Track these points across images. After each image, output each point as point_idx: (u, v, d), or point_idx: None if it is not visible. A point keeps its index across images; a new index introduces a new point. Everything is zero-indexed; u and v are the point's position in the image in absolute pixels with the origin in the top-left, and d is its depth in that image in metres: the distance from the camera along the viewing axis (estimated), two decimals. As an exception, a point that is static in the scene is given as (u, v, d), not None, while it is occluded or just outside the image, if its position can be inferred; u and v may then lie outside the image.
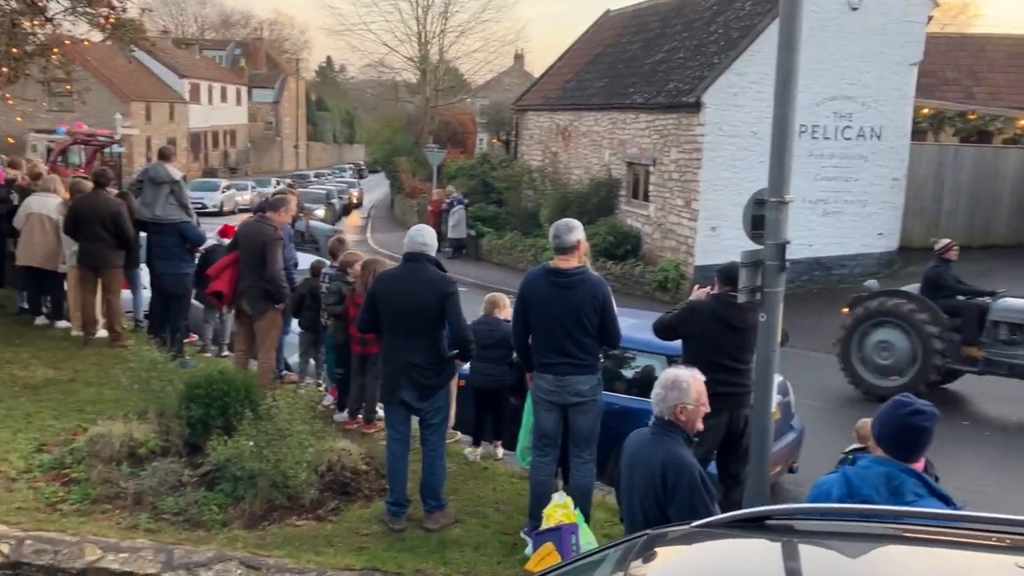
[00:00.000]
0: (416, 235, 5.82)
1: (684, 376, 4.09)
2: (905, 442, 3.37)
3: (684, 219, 18.17)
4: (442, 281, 5.67)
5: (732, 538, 2.54)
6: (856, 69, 18.02)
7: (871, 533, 2.59)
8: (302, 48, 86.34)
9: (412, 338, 5.65)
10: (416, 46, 41.36)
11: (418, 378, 5.68)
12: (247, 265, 7.78)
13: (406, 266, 5.81)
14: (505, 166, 27.83)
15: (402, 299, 5.64)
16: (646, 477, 3.94)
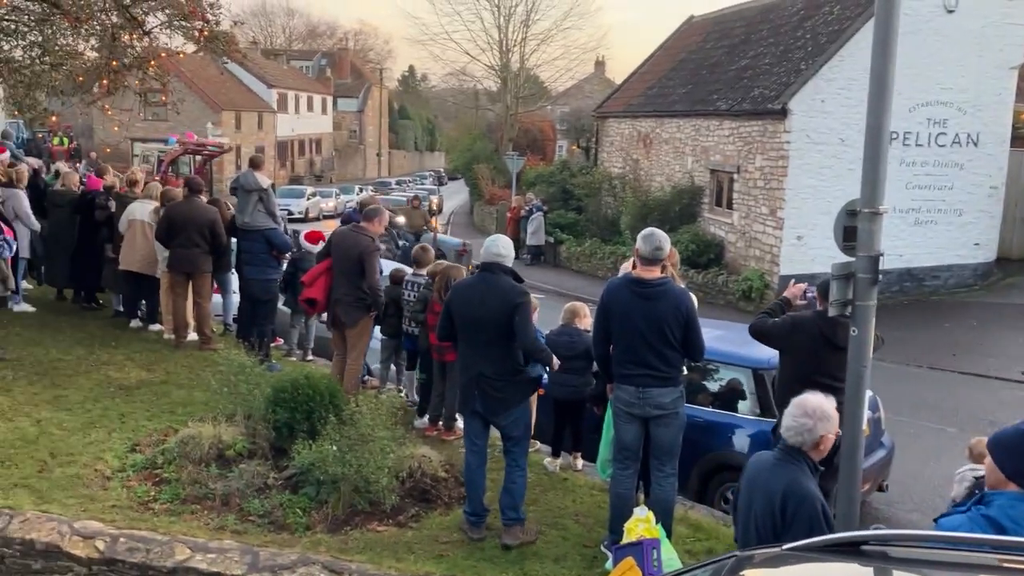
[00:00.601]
0: (491, 245, 5.80)
1: (828, 407, 3.89)
2: None
3: (769, 228, 17.79)
4: (513, 291, 5.62)
5: (823, 562, 2.45)
6: (952, 73, 17.37)
7: (970, 563, 2.47)
8: (386, 58, 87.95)
9: (483, 348, 5.64)
10: (497, 54, 41.66)
11: (488, 389, 5.65)
12: (342, 274, 7.85)
13: (480, 276, 5.81)
14: (585, 173, 27.72)
15: (474, 309, 5.62)
16: (765, 503, 3.78)
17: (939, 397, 11.51)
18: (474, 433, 5.86)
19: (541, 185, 28.70)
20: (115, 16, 10.97)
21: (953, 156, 17.81)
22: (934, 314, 16.51)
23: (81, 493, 5.99)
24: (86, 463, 6.48)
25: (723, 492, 7.18)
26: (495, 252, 5.73)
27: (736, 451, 7.13)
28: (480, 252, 5.94)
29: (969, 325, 15.52)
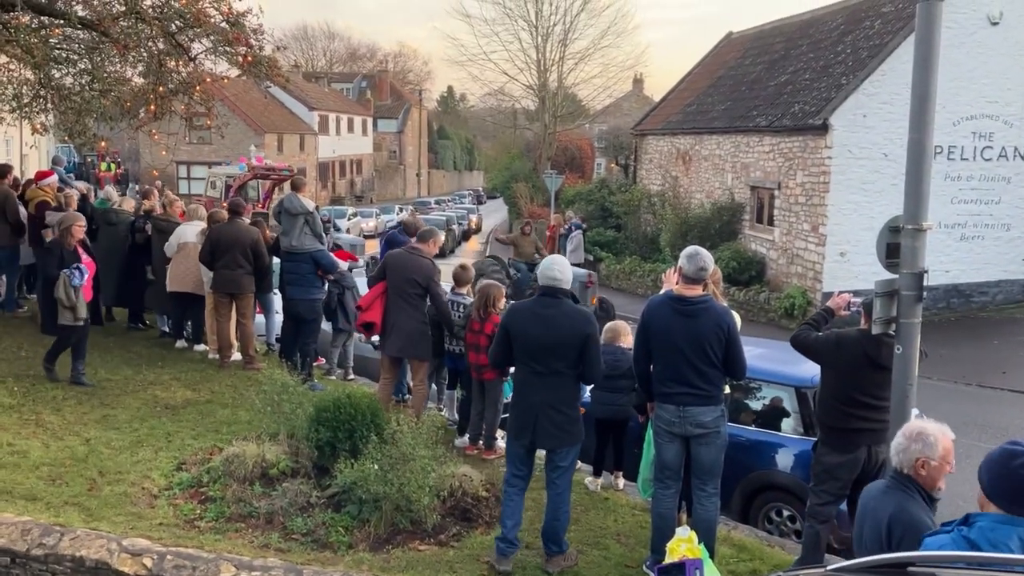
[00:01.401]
0: (547, 268, 5.59)
1: (931, 430, 3.76)
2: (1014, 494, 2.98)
3: (811, 244, 17.61)
4: (582, 319, 5.47)
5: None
6: (997, 86, 17.12)
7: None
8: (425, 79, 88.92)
9: (546, 377, 5.47)
10: (535, 74, 41.83)
11: (548, 421, 5.47)
12: (402, 298, 7.78)
13: (541, 300, 5.59)
14: (624, 191, 27.70)
15: (539, 335, 5.45)
16: (873, 530, 3.67)
17: (988, 415, 11.27)
18: (518, 460, 5.69)
19: (580, 203, 28.73)
20: (161, 43, 11.24)
21: (1000, 170, 17.51)
22: (982, 331, 16.19)
23: (129, 511, 6.09)
24: (133, 481, 6.59)
25: (767, 512, 7.10)
26: (551, 276, 5.54)
27: (779, 470, 7.06)
28: (538, 274, 5.71)
29: (1019, 342, 15.20)
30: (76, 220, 8.91)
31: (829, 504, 5.64)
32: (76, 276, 8.47)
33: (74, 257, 8.64)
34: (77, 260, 8.63)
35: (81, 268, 8.58)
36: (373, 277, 8.29)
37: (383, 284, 7.92)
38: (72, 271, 8.47)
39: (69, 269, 8.46)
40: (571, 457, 5.63)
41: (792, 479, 6.87)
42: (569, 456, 5.61)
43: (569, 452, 5.60)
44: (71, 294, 8.43)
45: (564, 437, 5.51)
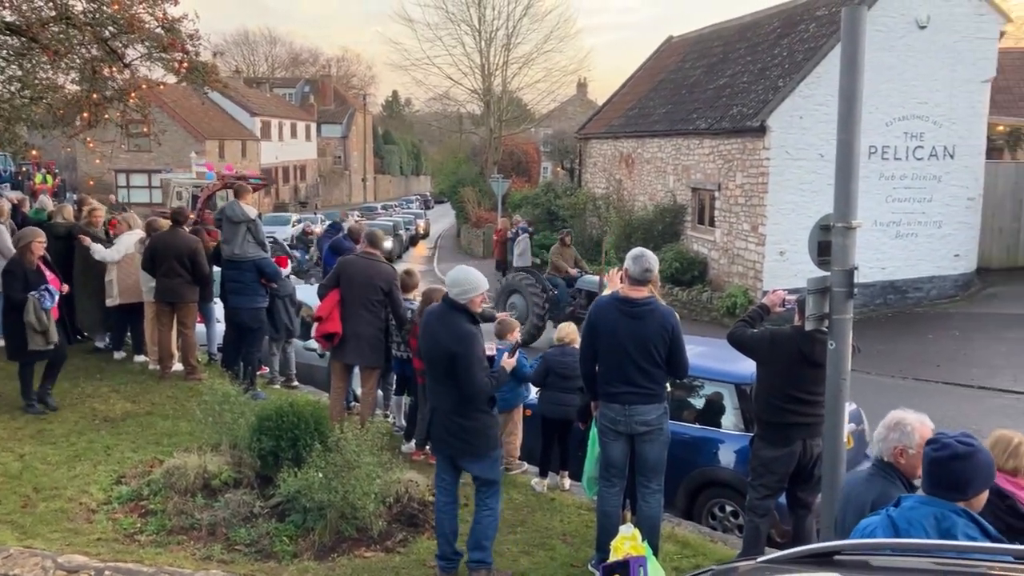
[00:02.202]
0: (448, 278, 5.46)
1: (909, 419, 3.89)
2: (945, 481, 3.17)
3: (751, 244, 17.92)
4: (457, 335, 5.24)
5: (799, 573, 2.48)
6: (926, 88, 17.61)
7: (948, 571, 2.50)
8: (369, 83, 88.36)
9: (444, 385, 5.37)
10: (480, 78, 41.89)
11: (444, 429, 5.39)
12: (362, 305, 7.64)
13: (439, 307, 5.51)
14: (569, 194, 27.88)
15: (427, 342, 5.41)
16: (856, 516, 3.71)
17: (925, 408, 11.38)
18: (441, 468, 5.58)
19: (527, 207, 28.84)
20: (95, 49, 11.03)
21: (931, 169, 18.01)
22: (917, 326, 16.63)
23: (66, 527, 5.96)
24: (71, 497, 6.45)
25: (710, 508, 7.21)
26: (449, 285, 5.40)
27: (722, 466, 7.17)
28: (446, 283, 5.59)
29: (952, 336, 15.63)
30: (35, 236, 8.39)
31: (767, 498, 5.76)
32: (47, 298, 8.01)
33: (39, 277, 8.21)
34: (43, 280, 8.19)
35: (50, 289, 8.14)
36: (324, 285, 8.07)
37: (337, 292, 7.75)
38: (42, 293, 8.01)
39: (38, 291, 8.01)
40: (486, 468, 5.43)
41: (734, 475, 6.98)
42: (481, 467, 5.42)
43: (478, 464, 5.41)
44: (42, 317, 7.97)
45: (461, 447, 5.37)
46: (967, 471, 3.17)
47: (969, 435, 3.27)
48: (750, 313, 6.08)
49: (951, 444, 3.19)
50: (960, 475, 3.17)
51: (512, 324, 7.62)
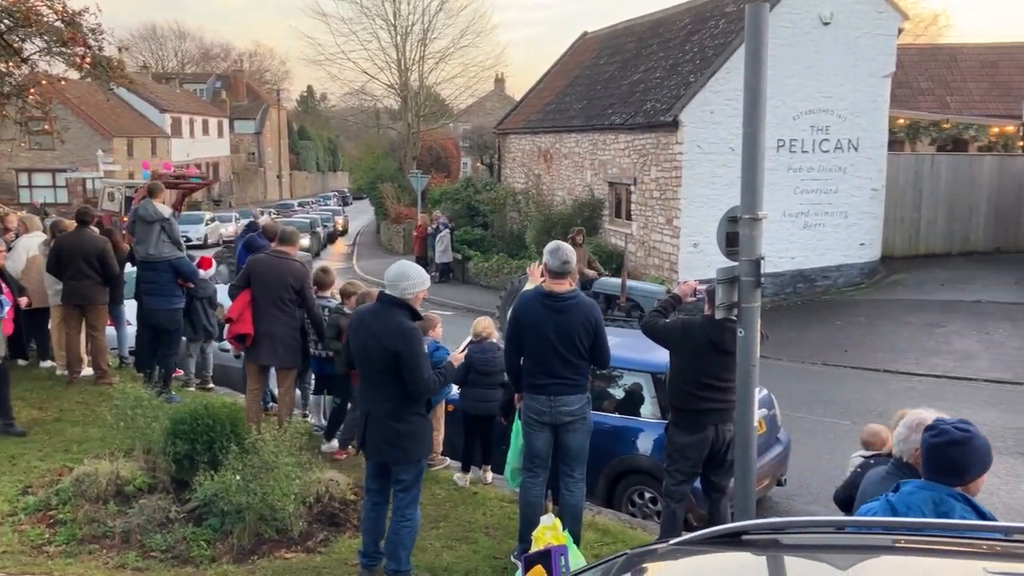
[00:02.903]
0: (389, 273, 5.33)
1: (929, 419, 3.79)
2: (943, 467, 3.28)
3: (667, 236, 18.27)
4: (399, 330, 5.10)
5: (708, 554, 2.56)
6: (831, 83, 18.22)
7: (856, 544, 2.60)
8: (283, 79, 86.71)
9: (376, 387, 5.23)
10: (396, 73, 41.56)
11: (383, 431, 5.21)
12: (274, 305, 7.47)
13: (375, 305, 5.37)
14: (489, 189, 27.92)
15: (364, 341, 5.21)
16: None
17: (833, 392, 12.01)
18: (370, 474, 5.47)
19: (447, 202, 28.77)
20: (-10, 44, 10.58)
21: (836, 161, 18.65)
22: (826, 313, 17.22)
23: (-31, 541, 5.73)
24: (-26, 509, 6.20)
25: (630, 495, 7.35)
26: (390, 281, 5.27)
27: (640, 454, 7.31)
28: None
29: (858, 322, 16.24)
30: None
31: (683, 483, 5.91)
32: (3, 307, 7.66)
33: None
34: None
35: (2, 300, 7.77)
36: (235, 285, 7.87)
37: (248, 292, 7.58)
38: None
39: None
40: (412, 473, 5.31)
41: (652, 462, 7.12)
42: (410, 472, 5.30)
43: (407, 468, 5.29)
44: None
45: (392, 452, 5.23)
46: (964, 456, 3.26)
47: (966, 422, 3.36)
48: (663, 304, 6.22)
49: (948, 431, 3.28)
50: (957, 460, 3.26)
51: (434, 320, 7.60)
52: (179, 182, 20.96)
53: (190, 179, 21.73)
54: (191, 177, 21.84)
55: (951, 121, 23.42)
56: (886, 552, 2.51)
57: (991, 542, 2.63)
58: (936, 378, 12.52)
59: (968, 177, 20.70)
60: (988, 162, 21.17)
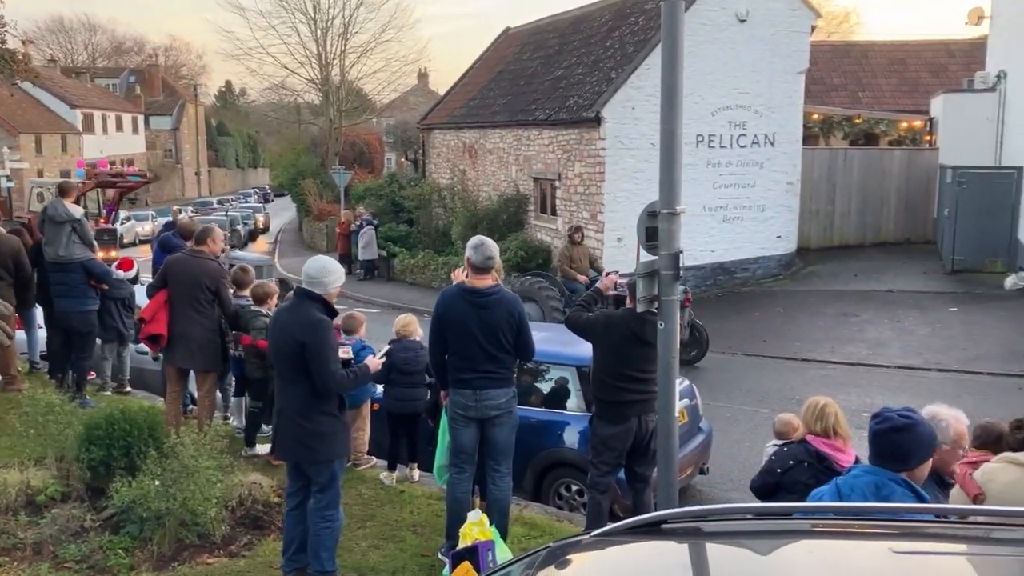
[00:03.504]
0: (306, 268, 5.27)
1: (944, 415, 3.93)
2: (886, 452, 3.41)
3: (591, 231, 18.43)
4: (307, 324, 5.04)
5: (628, 544, 2.60)
6: (748, 79, 18.63)
7: (775, 530, 2.67)
8: (199, 73, 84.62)
9: (288, 384, 5.15)
10: (317, 68, 40.96)
11: (295, 430, 5.14)
12: (190, 306, 7.29)
13: (292, 302, 5.30)
14: (414, 185, 27.76)
15: (277, 335, 5.17)
16: None
17: (753, 381, 12.31)
18: (289, 475, 5.41)
19: (370, 199, 28.51)
20: None
21: (754, 156, 19.08)
22: (745, 304, 17.63)
23: None
24: None
25: (557, 488, 7.42)
26: (313, 277, 5.19)
27: (567, 447, 7.38)
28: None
29: (776, 312, 16.67)
30: None
31: (608, 474, 5.99)
32: None
33: None
34: None
35: None
36: (152, 285, 7.70)
37: (165, 292, 7.41)
38: None
39: None
40: (327, 474, 5.20)
41: (578, 455, 7.20)
42: (322, 473, 5.19)
43: (319, 469, 5.19)
44: None
45: (304, 452, 5.16)
46: (907, 443, 3.39)
47: (911, 409, 3.49)
48: (585, 298, 6.29)
49: (892, 418, 3.40)
50: (900, 446, 3.39)
51: (360, 319, 7.53)
52: (116, 180, 20.28)
53: (129, 177, 20.93)
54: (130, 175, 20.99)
55: (863, 116, 24.18)
56: (804, 536, 2.58)
57: (900, 523, 2.75)
58: (851, 366, 12.94)
59: (879, 171, 21.42)
60: (898, 156, 21.93)
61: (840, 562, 2.30)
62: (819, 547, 2.50)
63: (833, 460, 4.70)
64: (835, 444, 4.78)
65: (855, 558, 2.32)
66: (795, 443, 4.95)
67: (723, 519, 2.80)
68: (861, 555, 2.34)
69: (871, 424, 3.48)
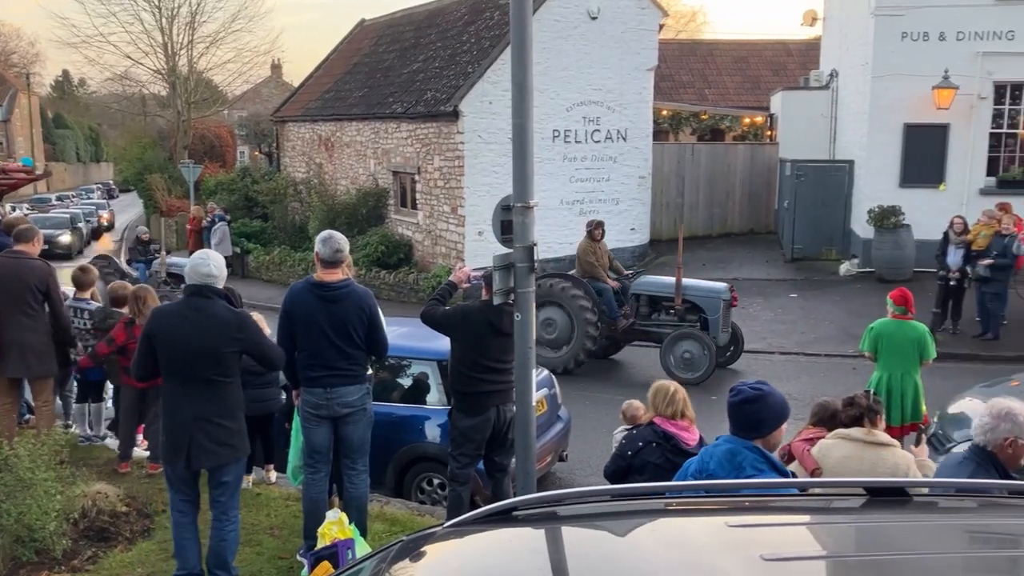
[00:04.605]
0: (200, 264, 5.03)
1: (1019, 409, 3.88)
2: (740, 422, 3.68)
3: (452, 225, 18.49)
4: (235, 323, 5.01)
5: (481, 533, 2.63)
6: (600, 75, 19.10)
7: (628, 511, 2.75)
8: (32, 62, 79.05)
9: (199, 387, 4.95)
10: (163, 58, 39.09)
11: (212, 432, 4.95)
12: (18, 310, 6.81)
13: (189, 301, 5.03)
14: (268, 179, 27.00)
15: (186, 341, 4.91)
16: None
17: (610, 369, 12.68)
18: (184, 483, 5.11)
19: (222, 194, 27.51)
20: None
21: (607, 151, 19.61)
22: (603, 294, 18.07)
23: None
24: None
25: (419, 483, 7.42)
26: (205, 272, 4.98)
27: (428, 441, 7.39)
28: (186, 271, 5.17)
29: (632, 302, 17.17)
30: None
31: (468, 466, 6.05)
32: None
33: None
34: None
35: None
36: None
37: None
38: None
39: None
40: (236, 472, 5.19)
41: (440, 448, 7.22)
42: (232, 472, 5.14)
43: (232, 468, 5.14)
44: None
45: (225, 452, 5.04)
46: (758, 412, 3.65)
47: (763, 383, 3.76)
48: (440, 291, 6.32)
49: (743, 390, 3.69)
50: (752, 416, 3.65)
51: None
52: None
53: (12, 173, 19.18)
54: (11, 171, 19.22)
55: (709, 113, 25.30)
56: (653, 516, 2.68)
57: (740, 498, 2.91)
58: (700, 351, 13.49)
59: (724, 165, 22.41)
60: (741, 151, 23.02)
61: (679, 538, 2.41)
62: (665, 525, 2.62)
63: (680, 439, 4.93)
64: (681, 424, 5.01)
65: (693, 533, 2.44)
66: (643, 426, 5.15)
67: (578, 503, 2.88)
68: (698, 529, 2.46)
69: (729, 398, 3.75)
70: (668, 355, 11.66)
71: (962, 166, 16.59)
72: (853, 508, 2.65)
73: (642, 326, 12.09)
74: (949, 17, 16.20)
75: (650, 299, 12.22)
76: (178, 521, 5.16)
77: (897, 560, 2.18)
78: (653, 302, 12.21)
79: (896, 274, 15.96)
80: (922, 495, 2.75)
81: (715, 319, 11.55)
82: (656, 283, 12.63)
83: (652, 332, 12.13)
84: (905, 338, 7.78)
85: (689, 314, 11.80)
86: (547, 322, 12.02)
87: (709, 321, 11.61)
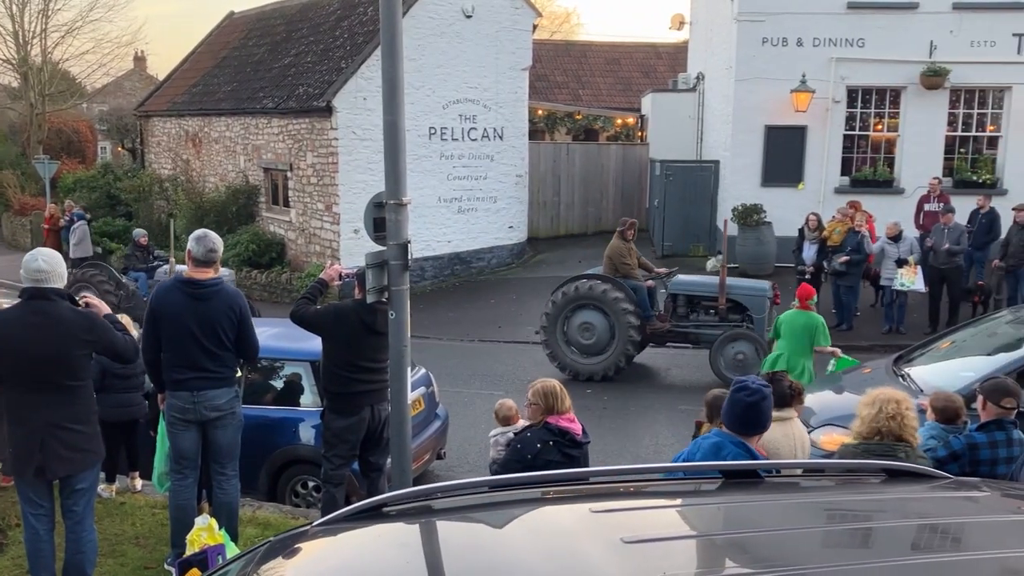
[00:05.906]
0: (29, 259, 4.76)
1: None
2: (745, 419, 3.80)
3: (327, 223, 18.19)
4: (82, 324, 4.77)
5: (350, 531, 2.62)
6: (476, 74, 19.18)
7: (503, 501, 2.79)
8: None
9: (50, 394, 4.71)
10: (13, 47, 36.79)
11: (66, 439, 4.74)
12: None
13: (30, 304, 4.74)
14: (132, 176, 25.87)
15: (29, 348, 4.64)
16: None
17: (489, 366, 12.77)
18: (36, 494, 4.87)
19: (81, 191, 26.18)
20: None
21: (484, 149, 19.72)
22: (481, 292, 18.21)
23: None
24: None
25: (293, 486, 7.28)
26: (35, 268, 4.70)
27: (302, 443, 7.25)
28: (21, 273, 4.86)
29: (510, 299, 17.37)
30: None
31: (342, 467, 5.99)
32: None
33: None
34: None
35: None
36: None
37: None
38: None
39: None
40: (90, 479, 5.01)
41: (314, 450, 7.09)
42: (89, 477, 4.97)
43: (89, 474, 4.97)
44: None
45: (82, 459, 4.85)
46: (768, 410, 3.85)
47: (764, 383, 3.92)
48: (310, 290, 6.22)
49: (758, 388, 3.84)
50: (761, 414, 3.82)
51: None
52: None
53: None
54: None
55: (583, 113, 25.80)
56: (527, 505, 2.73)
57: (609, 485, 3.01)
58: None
59: (598, 164, 22.90)
60: (614, 150, 23.58)
61: (546, 525, 2.47)
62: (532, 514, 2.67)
63: (574, 433, 4.98)
64: (569, 417, 5.08)
65: (560, 520, 2.50)
66: (536, 427, 5.09)
67: (450, 496, 2.89)
68: (564, 517, 2.53)
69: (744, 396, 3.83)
70: (718, 357, 11.14)
71: (819, 166, 17.50)
72: (711, 491, 2.79)
73: (679, 327, 11.65)
74: (806, 24, 17.06)
75: (688, 299, 11.79)
76: (32, 535, 4.90)
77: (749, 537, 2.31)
78: (692, 302, 11.78)
79: (758, 269, 16.69)
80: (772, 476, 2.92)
81: (761, 318, 11.19)
82: (696, 282, 12.25)
83: (691, 333, 11.70)
84: (799, 325, 8.94)
85: (731, 314, 11.40)
86: (584, 326, 11.59)
87: (755, 320, 11.26)
